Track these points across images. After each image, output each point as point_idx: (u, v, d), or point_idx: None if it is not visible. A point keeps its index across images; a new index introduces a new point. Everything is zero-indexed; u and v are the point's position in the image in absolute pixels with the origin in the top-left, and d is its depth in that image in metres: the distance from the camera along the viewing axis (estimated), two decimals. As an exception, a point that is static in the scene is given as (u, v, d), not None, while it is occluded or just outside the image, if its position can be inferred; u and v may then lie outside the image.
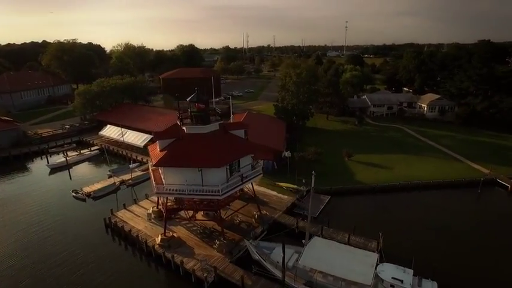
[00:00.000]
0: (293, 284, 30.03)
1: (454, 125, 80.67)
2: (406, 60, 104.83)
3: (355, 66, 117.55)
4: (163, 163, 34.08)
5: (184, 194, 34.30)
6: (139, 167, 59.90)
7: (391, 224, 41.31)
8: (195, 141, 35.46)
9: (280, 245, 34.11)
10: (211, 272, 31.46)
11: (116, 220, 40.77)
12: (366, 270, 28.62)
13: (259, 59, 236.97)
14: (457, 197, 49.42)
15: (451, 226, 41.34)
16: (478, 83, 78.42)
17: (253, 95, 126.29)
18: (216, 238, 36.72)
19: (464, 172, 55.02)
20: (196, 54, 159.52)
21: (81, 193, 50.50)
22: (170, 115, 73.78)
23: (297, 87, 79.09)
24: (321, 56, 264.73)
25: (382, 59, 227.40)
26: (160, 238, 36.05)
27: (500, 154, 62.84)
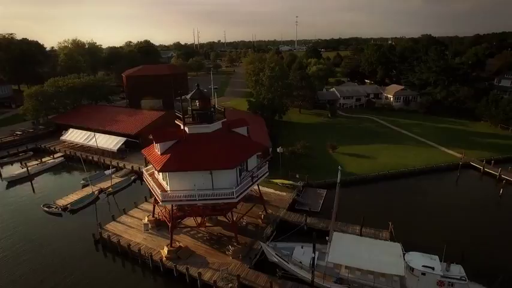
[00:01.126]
0: (322, 283, 29.09)
1: (419, 114, 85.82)
2: (368, 53, 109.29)
3: (319, 59, 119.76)
4: (169, 168, 30.91)
5: (194, 200, 31.51)
6: (116, 173, 54.74)
7: (391, 211, 42.17)
8: (200, 142, 32.76)
9: (298, 245, 33.32)
10: (234, 280, 29.32)
11: (108, 234, 36.40)
12: (395, 261, 28.57)
13: (214, 54, 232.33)
14: (441, 181, 52.41)
15: (446, 208, 43.50)
16: (437, 74, 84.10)
17: (219, 91, 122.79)
18: (227, 243, 34.52)
19: (440, 157, 58.47)
20: (153, 51, 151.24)
21: (55, 207, 44.63)
22: (141, 115, 69.09)
23: (271, 82, 78.32)
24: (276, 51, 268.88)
25: (334, 52, 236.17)
26: (167, 250, 32.86)
27: (464, 139, 67.80)
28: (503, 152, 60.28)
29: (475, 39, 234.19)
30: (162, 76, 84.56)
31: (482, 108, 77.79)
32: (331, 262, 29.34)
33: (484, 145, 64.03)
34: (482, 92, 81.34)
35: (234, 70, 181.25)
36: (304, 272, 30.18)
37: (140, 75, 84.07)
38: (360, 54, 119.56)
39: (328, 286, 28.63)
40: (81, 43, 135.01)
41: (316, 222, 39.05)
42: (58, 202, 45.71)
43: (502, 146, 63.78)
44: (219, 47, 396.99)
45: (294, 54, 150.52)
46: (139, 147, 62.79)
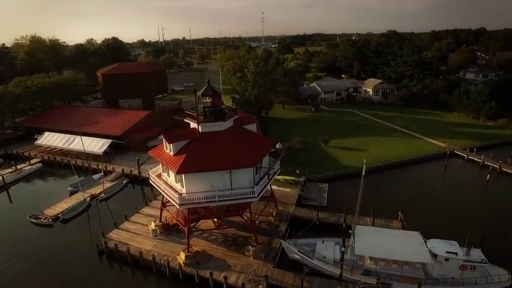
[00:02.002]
0: (350, 277, 29.09)
1: (397, 106, 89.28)
2: (344, 48, 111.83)
3: (295, 55, 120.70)
4: (188, 169, 29.26)
5: (214, 201, 30.15)
6: (106, 177, 51.31)
7: (392, 201, 43.30)
8: (215, 141, 31.42)
9: (319, 240, 33.22)
10: (262, 281, 28.48)
11: (115, 243, 33.88)
12: (419, 249, 29.26)
13: (183, 51, 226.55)
14: (432, 170, 55.02)
15: (443, 194, 45.61)
16: (412, 67, 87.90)
17: (197, 89, 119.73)
18: (245, 244, 33.54)
19: (427, 147, 61.16)
20: (122, 49, 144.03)
21: (44, 217, 40.95)
22: (125, 115, 65.62)
23: (256, 78, 77.66)
24: (241, 46, 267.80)
25: (303, 48, 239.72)
26: (185, 255, 31.21)
27: (442, 129, 71.48)
28: (479, 140, 64.26)
29: (433, 35, 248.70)
30: (141, 74, 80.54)
31: (455, 99, 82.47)
32: (358, 254, 29.45)
33: (461, 134, 67.83)
34: (454, 84, 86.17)
35: (206, 67, 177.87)
36: (330, 266, 30.03)
37: (118, 73, 79.49)
38: (335, 49, 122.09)
39: (357, 279, 28.64)
40: (41, 40, 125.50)
41: (327, 217, 39.09)
42: (47, 212, 41.98)
43: (477, 134, 67.99)
44: (185, 44, 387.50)
45: (269, 50, 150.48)
46: (124, 148, 59.91)
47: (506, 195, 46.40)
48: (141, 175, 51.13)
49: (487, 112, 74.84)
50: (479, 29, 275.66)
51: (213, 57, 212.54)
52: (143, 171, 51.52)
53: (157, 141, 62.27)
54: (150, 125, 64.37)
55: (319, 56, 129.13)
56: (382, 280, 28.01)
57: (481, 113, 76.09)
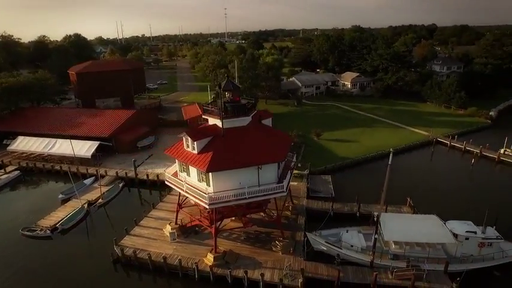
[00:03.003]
0: (380, 262, 29.85)
1: (375, 98, 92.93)
2: (319, 42, 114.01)
3: (269, 50, 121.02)
4: (217, 167, 28.14)
5: (243, 198, 29.36)
6: (99, 182, 48.05)
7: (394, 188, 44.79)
8: (239, 136, 30.57)
9: (343, 230, 33.78)
10: (298, 275, 28.32)
11: (133, 250, 31.82)
12: (442, 231, 30.75)
13: (148, 49, 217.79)
14: (421, 156, 58.25)
15: (438, 178, 48.42)
16: (388, 61, 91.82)
17: (171, 87, 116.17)
18: (269, 240, 33.21)
19: (412, 136, 64.38)
20: (86, 46, 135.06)
21: (40, 229, 37.45)
22: (110, 115, 62.10)
23: (240, 73, 76.63)
24: (206, 43, 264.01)
25: (269, 43, 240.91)
26: (214, 256, 30.15)
27: (421, 119, 75.57)
28: (455, 127, 68.92)
29: (391, 30, 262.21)
30: (120, 72, 76.01)
31: (427, 90, 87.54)
32: (388, 240, 30.30)
33: (438, 123, 72.12)
34: (426, 76, 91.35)
35: (176, 64, 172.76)
36: (359, 254, 30.64)
37: (94, 71, 74.19)
38: (310, 44, 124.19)
39: (388, 264, 29.46)
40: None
41: (340, 207, 39.78)
42: (42, 223, 38.43)
43: (451, 122, 72.79)
44: (146, 41, 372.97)
45: (242, 46, 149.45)
46: (112, 150, 56.59)
47: (492, 177, 50.35)
48: (138, 177, 48.53)
49: (457, 102, 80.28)
50: (431, 25, 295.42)
51: (180, 54, 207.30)
52: (140, 173, 49.02)
53: (147, 141, 59.78)
54: (137, 125, 61.33)
55: (292, 51, 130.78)
56: (412, 263, 29.09)
57: (451, 102, 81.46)
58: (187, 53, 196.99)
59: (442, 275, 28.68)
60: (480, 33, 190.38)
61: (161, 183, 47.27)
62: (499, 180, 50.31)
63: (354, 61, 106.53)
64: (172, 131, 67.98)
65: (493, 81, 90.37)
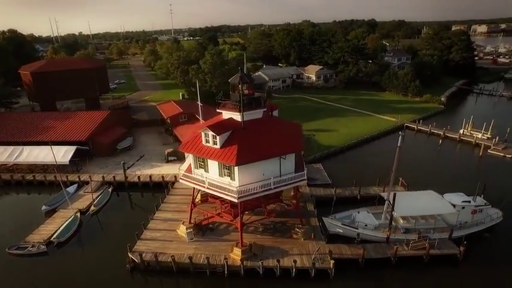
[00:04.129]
0: (394, 237, 32.23)
1: (339, 89, 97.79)
2: (279, 37, 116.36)
3: (231, 46, 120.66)
4: (244, 159, 27.95)
5: (269, 189, 29.68)
6: (84, 189, 44.65)
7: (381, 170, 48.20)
8: (258, 128, 30.70)
9: (354, 211, 35.79)
10: (326, 257, 29.53)
11: (154, 255, 30.34)
12: (442, 203, 34.13)
13: (93, 48, 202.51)
14: (394, 141, 62.12)
15: (415, 157, 52.92)
16: (349, 53, 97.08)
17: (130, 86, 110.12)
18: (287, 228, 34.05)
19: (383, 123, 69.26)
20: (25, 43, 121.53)
21: (31, 245, 33.90)
22: (82, 117, 57.81)
23: (210, 69, 75.80)
24: (153, 40, 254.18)
25: (220, 39, 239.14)
26: (241, 250, 30.05)
27: (385, 106, 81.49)
28: (416, 113, 75.53)
29: (334, 25, 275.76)
30: (82, 71, 70.10)
31: (386, 80, 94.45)
32: (400, 216, 32.75)
33: (400, 109, 78.41)
34: (383, 67, 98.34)
35: (129, 63, 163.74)
36: (374, 232, 32.77)
37: (53, 71, 67.22)
38: (270, 38, 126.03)
39: (402, 238, 31.95)
40: None
41: (342, 192, 41.78)
42: (31, 239, 34.75)
43: (411, 108, 79.59)
44: (85, 39, 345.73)
45: (200, 43, 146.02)
46: (90, 155, 52.82)
47: (458, 154, 56.49)
48: (127, 180, 45.92)
49: (413, 90, 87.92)
50: (371, 20, 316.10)
51: (130, 52, 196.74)
52: (129, 176, 46.45)
53: (126, 142, 56.73)
54: (112, 126, 57.72)
55: (250, 46, 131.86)
56: (422, 234, 31.92)
57: (408, 91, 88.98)
58: (138, 51, 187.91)
59: (448, 242, 31.93)
60: (415, 28, 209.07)
61: (154, 185, 45.64)
62: (463, 156, 56.55)
63: (314, 54, 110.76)
64: (148, 130, 65.34)
65: (439, 71, 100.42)
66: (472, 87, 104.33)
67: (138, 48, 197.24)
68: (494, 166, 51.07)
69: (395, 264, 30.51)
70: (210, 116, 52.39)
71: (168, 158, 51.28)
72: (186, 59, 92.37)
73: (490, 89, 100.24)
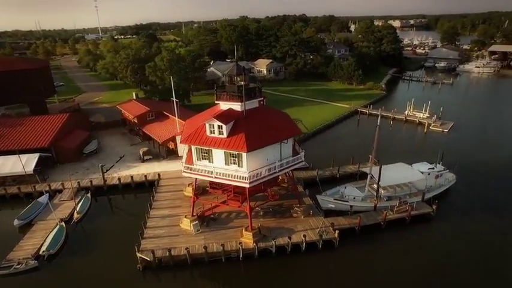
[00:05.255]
0: (379, 205, 36.52)
1: (289, 81, 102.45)
2: (226, 33, 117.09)
3: (177, 42, 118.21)
4: (253, 146, 29.25)
5: (275, 172, 31.57)
6: (58, 198, 41.43)
7: (350, 149, 53.28)
8: (257, 117, 32.23)
9: (341, 187, 39.36)
10: (329, 230, 32.50)
11: (167, 251, 30.12)
12: (413, 172, 39.52)
13: (10, 48, 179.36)
14: (353, 123, 69.05)
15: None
16: (296, 47, 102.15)
17: (71, 88, 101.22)
18: (285, 209, 36.35)
19: (338, 109, 75.19)
20: None
21: (18, 262, 31.01)
22: (38, 122, 52.91)
23: (167, 66, 74.23)
24: (79, 39, 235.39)
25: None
26: (252, 233, 31.45)
27: (335, 95, 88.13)
28: (363, 99, 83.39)
29: (267, 20, 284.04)
30: (24, 72, 62.82)
31: (331, 71, 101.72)
32: (382, 186, 36.99)
33: (350, 97, 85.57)
34: (328, 59, 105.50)
35: (60, 64, 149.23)
36: (362, 202, 36.76)
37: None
38: (215, 34, 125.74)
39: (386, 205, 36.38)
40: None
41: (323, 172, 45.31)
42: (13, 256, 31.61)
43: (358, 96, 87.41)
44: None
45: (145, 40, 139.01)
46: (53, 161, 48.96)
47: (407, 132, 64.40)
48: (106, 184, 43.71)
49: (357, 79, 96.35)
50: (302, 15, 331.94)
51: (59, 52, 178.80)
52: (108, 179, 44.26)
53: (93, 146, 53.64)
54: (73, 130, 53.75)
55: (194, 43, 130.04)
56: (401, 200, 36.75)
57: (353, 80, 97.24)
58: (69, 51, 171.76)
59: (422, 203, 37.28)
60: (345, 23, 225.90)
61: (137, 185, 44.24)
62: (411, 133, 64.58)
63: (262, 49, 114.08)
64: (110, 132, 61.99)
65: (376, 61, 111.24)
66: (402, 75, 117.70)
67: (68, 48, 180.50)
68: (437, 139, 59.60)
69: (385, 227, 34.82)
70: (182, 113, 52.44)
71: (144, 158, 49.71)
72: (135, 57, 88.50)
73: (417, 76, 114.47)
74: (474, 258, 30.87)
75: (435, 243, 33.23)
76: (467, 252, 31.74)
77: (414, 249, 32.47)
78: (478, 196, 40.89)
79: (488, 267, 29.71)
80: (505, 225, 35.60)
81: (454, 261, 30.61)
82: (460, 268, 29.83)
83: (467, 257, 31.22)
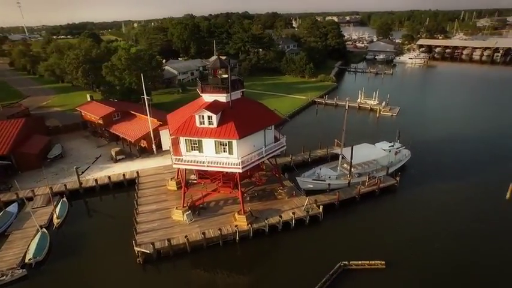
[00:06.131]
0: (352, 181, 40.71)
1: (245, 76, 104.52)
2: (177, 31, 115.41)
3: (127, 42, 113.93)
4: (244, 133, 31.11)
5: (263, 157, 33.83)
6: (29, 206, 39.16)
7: (314, 135, 57.33)
8: (241, 107, 34.17)
9: (316, 169, 42.98)
10: (313, 206, 35.72)
11: (166, 241, 30.77)
12: (377, 150, 44.36)
13: None
14: (310, 114, 73.74)
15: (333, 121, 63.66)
16: (249, 43, 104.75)
17: (9, 93, 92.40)
18: (268, 193, 38.83)
19: (296, 101, 79.51)
20: None
21: (2, 272, 29.48)
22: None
23: (125, 65, 72.28)
24: (3, 40, 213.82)
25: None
26: (245, 216, 33.39)
27: (291, 88, 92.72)
28: (318, 90, 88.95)
29: (214, 17, 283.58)
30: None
31: (284, 65, 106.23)
32: (354, 164, 41.16)
33: (304, 89, 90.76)
34: (280, 54, 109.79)
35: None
36: (337, 180, 40.62)
37: None
38: (166, 33, 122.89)
39: (358, 181, 40.69)
40: None
41: (295, 158, 48.52)
42: (-1, 266, 30.02)
43: (312, 87, 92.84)
44: None
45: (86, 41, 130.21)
46: (11, 169, 45.95)
47: (362, 117, 70.63)
48: (82, 186, 42.25)
49: (309, 72, 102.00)
50: (244, 12, 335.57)
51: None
52: (84, 181, 42.79)
53: (57, 150, 51.10)
54: (31, 136, 50.51)
55: (142, 41, 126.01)
56: (370, 175, 41.35)
57: (305, 73, 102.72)
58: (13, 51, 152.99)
59: (388, 177, 42.26)
60: (288, 19, 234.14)
61: (114, 185, 43.40)
62: (365, 118, 70.99)
63: (216, 45, 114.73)
64: (71, 136, 59.00)
65: (324, 55, 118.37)
66: (348, 67, 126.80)
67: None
68: (388, 122, 66.58)
69: (359, 200, 39.04)
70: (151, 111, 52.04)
71: (117, 158, 48.62)
72: (86, 57, 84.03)
73: (362, 68, 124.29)
74: (436, 219, 36.15)
75: (402, 209, 38.25)
76: (429, 213, 37.08)
77: (385, 216, 37.02)
78: (430, 166, 47.31)
79: (447, 224, 35.19)
80: (454, 187, 41.97)
81: (419, 222, 35.65)
82: (425, 226, 34.85)
83: (430, 216, 36.48)
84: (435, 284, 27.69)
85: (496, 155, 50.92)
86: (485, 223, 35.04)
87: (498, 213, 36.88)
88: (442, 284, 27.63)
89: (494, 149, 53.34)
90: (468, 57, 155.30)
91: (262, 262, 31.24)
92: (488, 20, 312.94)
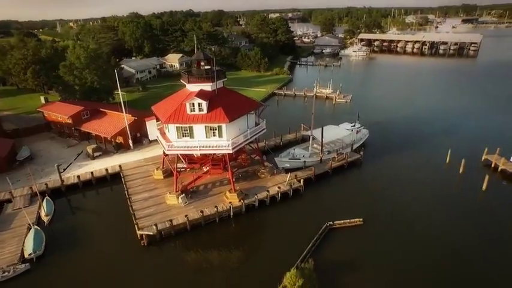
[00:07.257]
0: (324, 158, 45.90)
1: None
2: (129, 30, 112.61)
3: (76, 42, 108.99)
4: (232, 117, 34.31)
5: (248, 139, 37.28)
6: (12, 206, 38.34)
7: (286, 121, 61.94)
8: (224, 94, 37.40)
9: (291, 149, 47.45)
10: (294, 181, 40.13)
11: (168, 223, 32.89)
12: (342, 130, 50.13)
13: None
14: (272, 104, 78.31)
15: (303, 110, 69.23)
16: (205, 40, 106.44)
17: None
18: (251, 173, 42.43)
19: (258, 93, 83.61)
20: None
21: (3, 269, 29.51)
22: None
23: (88, 65, 70.48)
24: None
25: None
26: (236, 194, 36.61)
27: (250, 81, 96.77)
28: (275, 82, 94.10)
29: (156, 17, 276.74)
30: None
31: (240, 61, 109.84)
32: (325, 143, 46.29)
33: (262, 82, 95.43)
34: (235, 50, 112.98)
35: None
36: (310, 158, 45.50)
37: None
38: (116, 32, 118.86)
39: (328, 157, 45.96)
40: None
41: (269, 142, 52.62)
42: (-4, 264, 29.82)
43: (269, 80, 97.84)
44: None
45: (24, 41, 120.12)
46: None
47: (320, 105, 76.73)
48: (64, 184, 41.98)
49: (264, 66, 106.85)
50: (188, 10, 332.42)
51: None
52: (66, 179, 42.52)
53: (25, 152, 49.57)
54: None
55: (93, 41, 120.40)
56: (338, 152, 46.92)
57: (260, 67, 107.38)
58: None
59: (353, 153, 48.23)
60: (235, 17, 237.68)
61: (97, 181, 43.69)
62: (323, 105, 77.34)
63: (169, 44, 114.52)
64: (35, 138, 56.77)
65: (276, 50, 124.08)
66: (298, 61, 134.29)
67: None
68: (343, 107, 73.71)
69: (331, 174, 44.32)
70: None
71: (94, 155, 48.51)
72: (35, 58, 79.61)
73: (312, 61, 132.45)
74: (395, 183, 42.59)
75: (367, 179, 44.13)
76: (389, 179, 43.49)
77: (354, 186, 42.59)
78: (385, 142, 54.42)
79: (405, 187, 41.82)
80: (406, 157, 49.25)
81: (383, 187, 41.80)
82: (388, 190, 41.07)
83: (390, 182, 42.87)
84: (400, 230, 33.60)
85: (434, 129, 60.09)
86: (433, 184, 42.37)
87: (439, 173, 44.58)
88: (407, 230, 33.64)
89: (431, 124, 62.66)
90: (402, 50, 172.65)
91: (257, 233, 34.89)
92: (413, 17, 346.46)
